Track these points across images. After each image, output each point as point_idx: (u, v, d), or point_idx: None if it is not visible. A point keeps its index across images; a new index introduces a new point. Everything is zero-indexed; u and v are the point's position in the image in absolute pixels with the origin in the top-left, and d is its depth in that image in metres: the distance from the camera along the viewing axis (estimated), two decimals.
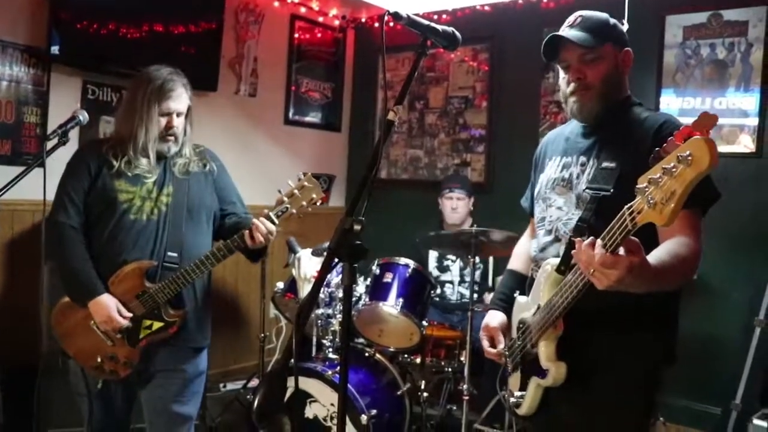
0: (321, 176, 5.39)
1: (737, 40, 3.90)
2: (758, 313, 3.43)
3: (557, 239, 1.91)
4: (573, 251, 1.52)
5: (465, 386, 3.14)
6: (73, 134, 2.62)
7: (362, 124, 5.63)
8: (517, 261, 2.23)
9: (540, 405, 1.91)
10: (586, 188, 1.83)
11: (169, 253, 2.39)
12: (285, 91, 5.11)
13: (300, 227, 5.01)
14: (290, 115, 5.15)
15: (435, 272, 4.12)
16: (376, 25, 5.40)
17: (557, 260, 1.78)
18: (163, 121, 2.40)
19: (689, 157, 1.18)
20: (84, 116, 2.50)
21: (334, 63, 5.48)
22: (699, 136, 1.18)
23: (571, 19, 1.92)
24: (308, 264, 3.21)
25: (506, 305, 2.11)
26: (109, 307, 2.31)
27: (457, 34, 1.67)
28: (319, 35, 5.30)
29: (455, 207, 4.11)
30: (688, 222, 1.68)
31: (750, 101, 3.89)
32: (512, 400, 1.99)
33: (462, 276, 4.07)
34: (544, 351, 1.81)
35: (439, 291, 4.03)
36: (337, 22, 5.41)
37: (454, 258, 4.04)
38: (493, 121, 4.89)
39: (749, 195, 3.87)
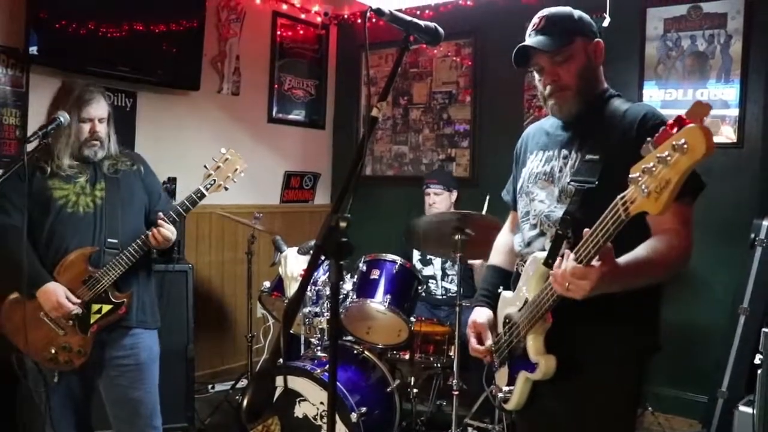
0: (306, 174, 5.38)
1: (717, 32, 3.93)
2: (742, 301, 3.45)
3: (542, 233, 1.91)
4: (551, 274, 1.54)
5: (454, 381, 3.13)
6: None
7: (346, 121, 5.61)
8: (498, 256, 2.23)
9: (528, 399, 1.92)
10: (571, 181, 1.83)
11: (110, 240, 2.52)
12: (268, 89, 5.08)
13: (285, 226, 5.02)
14: (274, 113, 5.12)
15: (418, 266, 4.11)
16: (359, 21, 5.38)
17: (543, 254, 1.78)
18: (86, 127, 2.54)
19: (684, 145, 1.18)
20: (65, 118, 2.54)
21: (317, 60, 5.46)
22: (694, 124, 1.18)
23: (535, 21, 1.90)
24: (295, 262, 3.20)
25: (491, 301, 2.11)
26: (56, 293, 2.42)
27: (440, 29, 1.66)
28: (301, 32, 5.28)
29: (433, 202, 4.10)
30: (679, 213, 1.68)
31: (731, 92, 3.92)
32: (500, 395, 1.98)
33: (444, 270, 4.07)
34: (533, 344, 1.81)
35: (423, 286, 4.03)
36: (319, 19, 5.39)
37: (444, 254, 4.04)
38: (477, 115, 4.90)
39: (731, 185, 3.91)
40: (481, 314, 2.10)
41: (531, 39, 1.87)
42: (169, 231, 2.52)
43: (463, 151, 4.97)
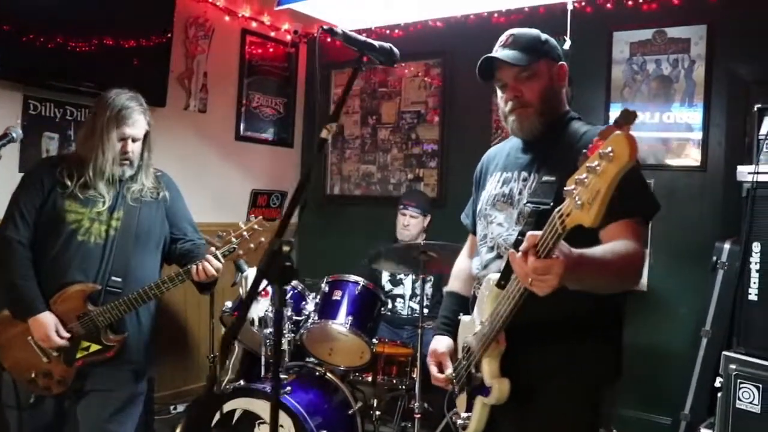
0: (273, 192, 5.33)
1: (681, 57, 3.98)
2: (705, 324, 3.47)
3: (499, 256, 1.89)
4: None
5: (416, 404, 3.10)
6: (12, 151, 2.57)
7: (315, 140, 5.56)
8: (456, 282, 2.21)
9: (487, 425, 1.89)
10: (527, 202, 1.83)
11: (114, 278, 2.44)
12: (236, 106, 5.03)
13: None
14: (241, 130, 5.07)
15: (388, 285, 4.09)
16: (329, 40, 5.36)
17: (497, 275, 1.77)
18: (119, 146, 2.47)
19: (611, 153, 1.17)
20: (17, 133, 2.50)
21: (286, 78, 5.43)
22: (619, 132, 1.17)
23: (503, 38, 1.92)
24: None
25: (451, 329, 2.08)
26: (48, 325, 2.35)
27: (395, 49, 1.65)
28: (271, 50, 5.25)
29: (407, 224, 4.09)
30: (630, 229, 1.68)
31: (695, 116, 3.97)
32: (459, 422, 1.96)
33: (414, 290, 4.05)
34: (488, 368, 1.79)
35: (390, 305, 3.99)
36: (289, 37, 5.37)
37: (405, 274, 4.02)
38: (445, 135, 4.90)
39: (695, 208, 3.95)
40: (440, 343, 2.08)
41: (498, 53, 1.88)
42: (217, 265, 2.43)
43: (431, 171, 4.95)
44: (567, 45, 3.22)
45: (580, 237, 1.45)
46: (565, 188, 1.29)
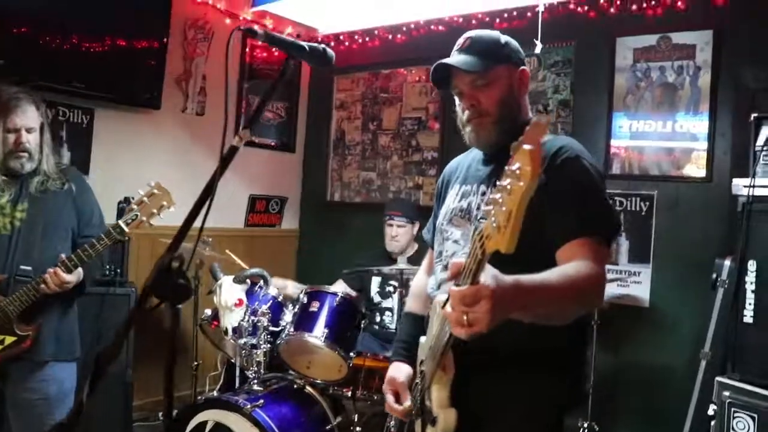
0: (272, 198, 5.26)
1: (686, 63, 3.81)
2: (704, 345, 3.29)
3: None
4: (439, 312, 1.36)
5: (392, 423, 2.97)
6: None
7: (317, 145, 5.49)
8: (414, 302, 2.08)
9: None
10: (480, 218, 1.71)
11: (22, 267, 2.42)
12: (236, 110, 4.96)
13: (249, 250, 4.89)
14: None
15: (377, 297, 3.97)
16: (332, 44, 5.29)
17: (444, 296, 1.64)
18: (11, 137, 2.44)
19: (518, 171, 1.05)
20: None
21: (288, 82, 5.35)
22: (525, 146, 1.05)
23: (460, 41, 1.80)
24: (229, 291, 3.06)
25: (409, 353, 1.94)
26: None
27: (329, 51, 1.54)
28: (276, 53, 5.18)
29: (395, 235, 3.96)
30: (587, 249, 1.54)
31: (700, 125, 3.79)
32: None
33: (403, 303, 3.93)
34: (436, 396, 1.68)
35: (378, 319, 3.87)
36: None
37: (396, 284, 3.89)
38: (445, 143, 4.78)
39: (700, 221, 3.78)
40: (398, 371, 1.94)
41: (452, 58, 1.76)
42: (66, 276, 2.40)
43: (431, 179, 4.83)
44: (538, 49, 3.09)
45: (537, 260, 1.34)
46: (483, 208, 1.17)
